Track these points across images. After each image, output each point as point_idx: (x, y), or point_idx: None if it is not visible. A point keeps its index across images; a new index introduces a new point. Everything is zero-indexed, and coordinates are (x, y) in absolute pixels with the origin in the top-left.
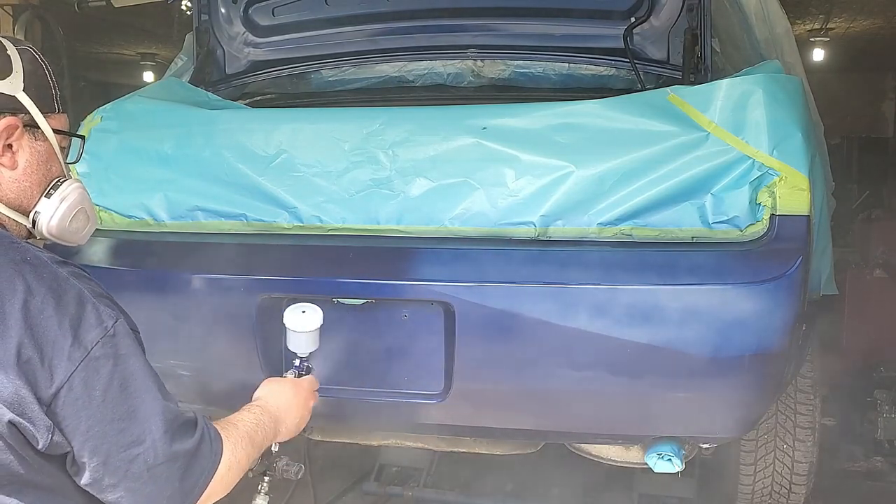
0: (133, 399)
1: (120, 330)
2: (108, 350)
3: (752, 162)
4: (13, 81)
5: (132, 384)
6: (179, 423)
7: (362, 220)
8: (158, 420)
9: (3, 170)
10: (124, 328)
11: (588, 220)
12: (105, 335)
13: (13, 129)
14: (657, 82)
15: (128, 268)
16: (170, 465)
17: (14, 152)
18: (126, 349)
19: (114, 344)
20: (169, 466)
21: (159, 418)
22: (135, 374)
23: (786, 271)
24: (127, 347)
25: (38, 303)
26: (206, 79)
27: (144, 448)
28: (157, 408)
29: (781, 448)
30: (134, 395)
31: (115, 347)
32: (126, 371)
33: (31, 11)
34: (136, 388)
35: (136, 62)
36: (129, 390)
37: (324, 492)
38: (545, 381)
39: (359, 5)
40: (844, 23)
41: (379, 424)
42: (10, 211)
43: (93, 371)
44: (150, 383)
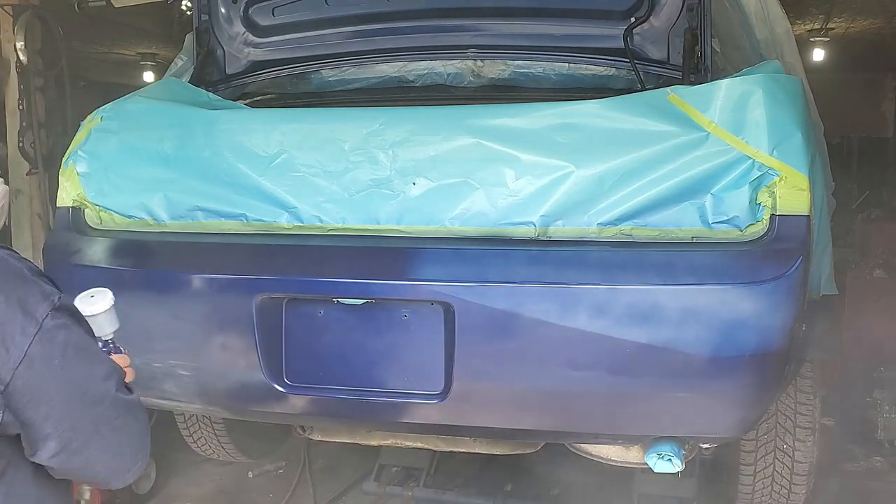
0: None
1: (65, 301)
2: (59, 321)
3: (752, 162)
4: None
5: (86, 348)
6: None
7: (362, 220)
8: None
9: None
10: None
11: (588, 220)
12: (53, 307)
13: None
14: (657, 82)
15: (128, 268)
16: (127, 418)
17: None
18: (71, 318)
19: (61, 314)
20: (126, 419)
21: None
22: (83, 339)
23: (786, 271)
24: (71, 317)
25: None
26: (206, 79)
27: (105, 406)
28: (108, 367)
29: (781, 448)
30: (89, 358)
31: (63, 318)
32: (77, 337)
33: (31, 11)
34: (90, 352)
35: (136, 62)
36: (84, 354)
37: (324, 492)
38: (545, 381)
39: (359, 5)
40: (844, 23)
41: (379, 424)
42: None
43: (48, 341)
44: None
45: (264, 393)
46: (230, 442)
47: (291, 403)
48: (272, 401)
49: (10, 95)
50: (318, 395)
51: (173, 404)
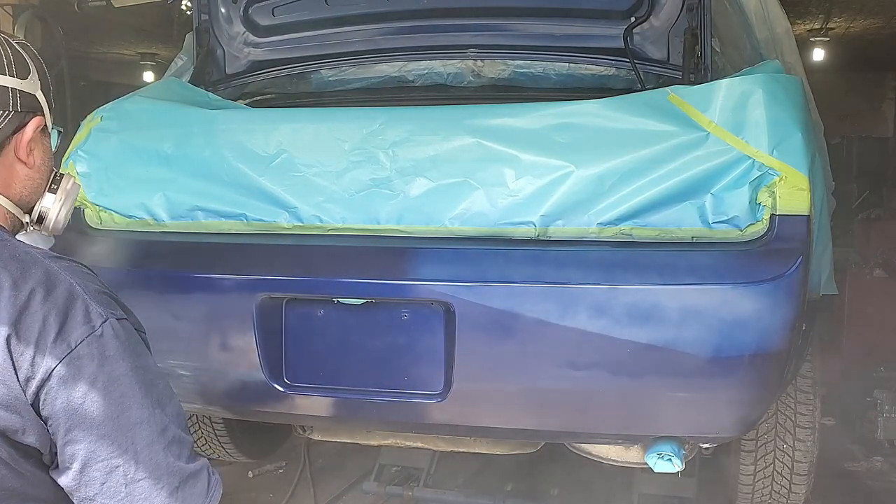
0: (117, 405)
1: (108, 331)
2: (94, 350)
3: (752, 162)
4: (32, 81)
5: (117, 388)
6: (174, 440)
7: (362, 219)
8: (144, 430)
9: (21, 167)
10: (117, 328)
11: (588, 219)
12: (91, 334)
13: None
14: (657, 82)
15: (128, 268)
16: (153, 484)
17: (32, 150)
18: (115, 351)
19: (101, 344)
20: (152, 485)
21: (146, 428)
22: (121, 379)
23: (786, 271)
24: (116, 350)
25: (25, 298)
26: (206, 79)
27: (125, 460)
28: (144, 416)
29: (781, 448)
30: (118, 401)
31: (101, 348)
32: (112, 374)
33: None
34: (122, 394)
35: (136, 62)
36: (114, 395)
37: (324, 492)
38: (545, 380)
39: (359, 5)
40: (844, 23)
41: (379, 424)
42: (14, 207)
43: (75, 370)
44: (140, 390)
45: (264, 393)
46: (230, 442)
47: (291, 403)
48: (272, 401)
49: None
50: (318, 395)
51: None
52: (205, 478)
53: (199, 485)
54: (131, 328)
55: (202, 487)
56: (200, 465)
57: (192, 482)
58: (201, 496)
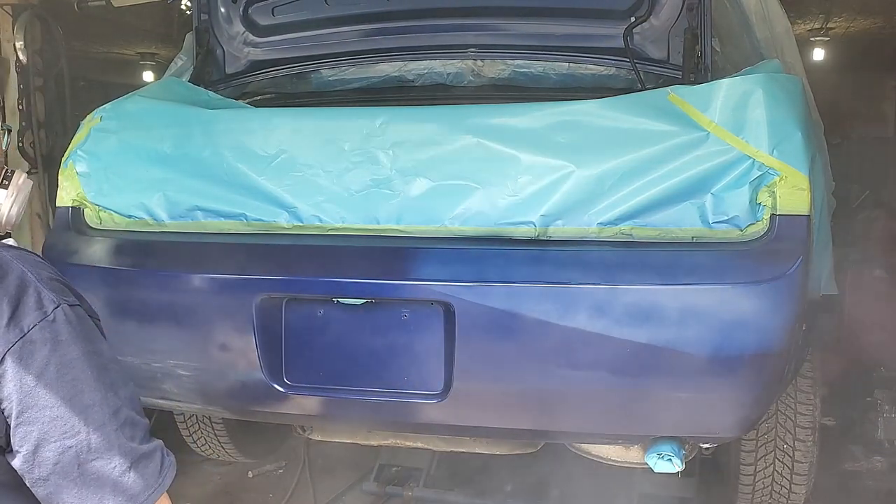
0: (70, 387)
1: (60, 316)
2: (47, 335)
3: (752, 162)
4: None
5: (70, 372)
6: (126, 422)
7: (362, 219)
8: (96, 412)
9: None
10: (70, 314)
11: (588, 219)
12: (43, 319)
13: None
14: (657, 82)
15: (128, 268)
16: (105, 464)
17: None
18: (67, 336)
19: (53, 329)
20: (104, 464)
21: (98, 410)
22: (73, 363)
23: (786, 271)
24: (69, 334)
25: None
26: (205, 78)
27: (77, 440)
28: (96, 398)
29: (781, 448)
30: (71, 384)
31: (54, 333)
32: (64, 358)
33: (30, 11)
34: (75, 377)
35: (136, 62)
36: (66, 378)
37: (324, 492)
38: (545, 380)
39: (358, 5)
40: (844, 23)
41: (379, 424)
42: None
43: (27, 354)
44: (92, 373)
45: (264, 393)
46: (230, 442)
47: (291, 403)
48: (272, 401)
49: (10, 95)
50: (317, 395)
51: (173, 404)
52: (158, 459)
53: (151, 465)
54: (84, 314)
55: (155, 468)
56: (154, 447)
57: (145, 463)
58: (154, 476)
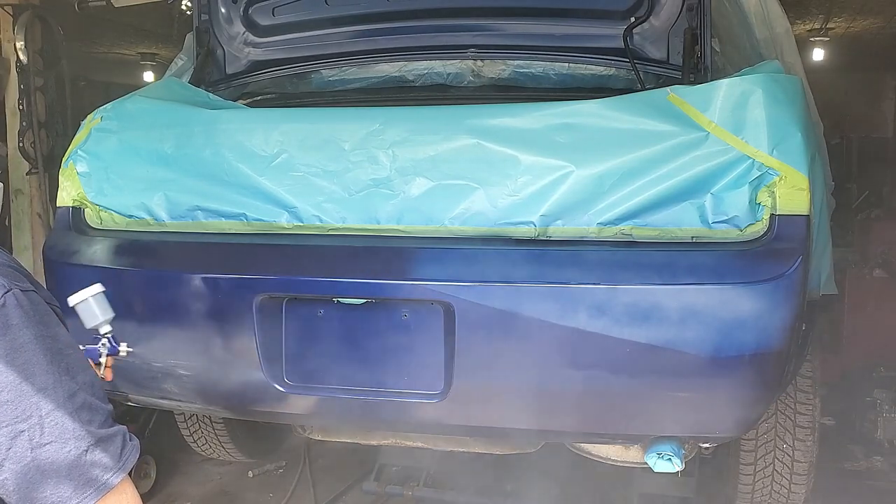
0: (21, 370)
1: (12, 301)
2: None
3: (751, 162)
4: None
5: (21, 356)
6: (83, 406)
7: (362, 219)
8: (49, 395)
9: None
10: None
11: (588, 219)
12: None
13: None
14: (657, 82)
15: (128, 268)
16: (59, 448)
17: None
18: (18, 320)
19: (3, 314)
20: (58, 448)
21: (51, 394)
22: (25, 346)
23: (785, 271)
24: (20, 318)
25: None
26: (206, 79)
27: (29, 425)
28: (49, 381)
29: (781, 448)
30: (22, 367)
31: (4, 317)
32: (15, 342)
33: (31, 11)
34: (26, 361)
35: (136, 62)
36: (17, 362)
37: (324, 492)
38: (545, 380)
39: (359, 5)
40: (844, 23)
41: (379, 424)
42: None
43: None
44: (45, 357)
45: (264, 393)
46: (230, 442)
47: (291, 403)
48: (272, 400)
49: (10, 95)
50: (317, 395)
51: (173, 404)
52: (118, 443)
53: (111, 448)
54: (39, 300)
55: (115, 451)
56: (115, 431)
57: (104, 446)
58: (113, 459)
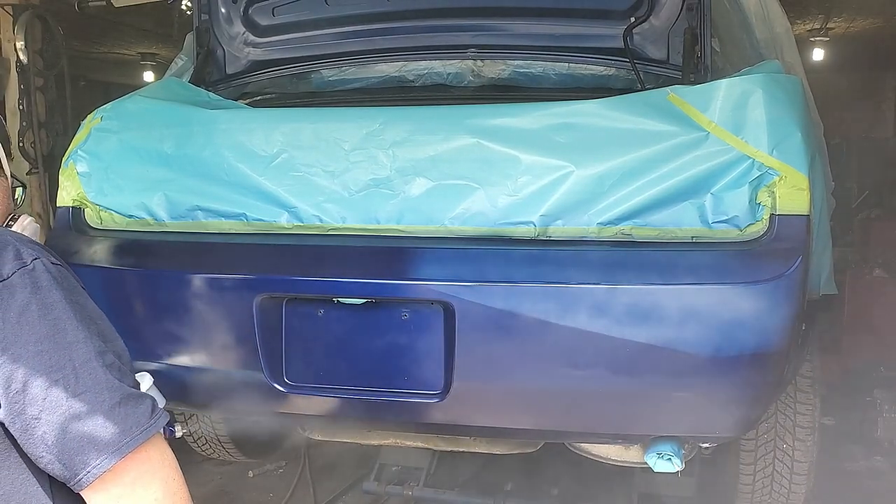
0: (51, 325)
1: (41, 266)
2: (26, 280)
3: (751, 162)
4: None
5: (51, 312)
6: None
7: (362, 219)
8: (81, 348)
9: None
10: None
11: (588, 219)
12: (23, 267)
13: None
14: (657, 82)
15: (128, 268)
16: (94, 397)
17: None
18: (47, 283)
19: (33, 276)
20: (93, 397)
21: (82, 346)
22: (55, 305)
23: (785, 271)
24: (48, 281)
25: None
26: (206, 79)
27: (63, 374)
28: (80, 336)
29: (781, 448)
30: (53, 322)
31: (34, 279)
32: (45, 300)
33: (31, 11)
34: (57, 317)
35: (136, 62)
36: (48, 318)
37: (324, 492)
38: (545, 380)
39: (358, 5)
40: (844, 22)
41: (379, 424)
42: None
43: (8, 294)
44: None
45: (264, 393)
46: (230, 442)
47: (291, 403)
48: (272, 400)
49: (10, 95)
50: (318, 395)
51: (173, 404)
52: (149, 402)
53: (142, 406)
54: (66, 273)
55: (146, 408)
56: (144, 393)
57: (136, 402)
58: (145, 415)
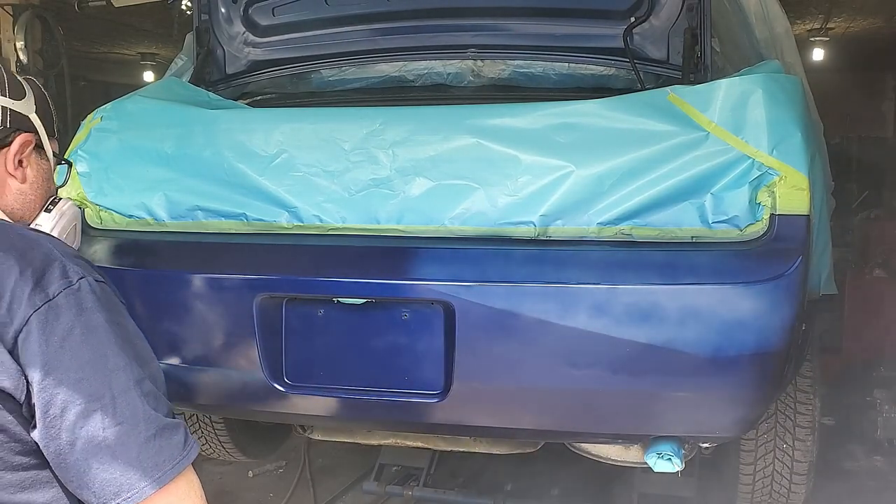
0: (94, 350)
1: (85, 286)
2: (71, 301)
3: (751, 161)
4: (27, 104)
5: (94, 336)
6: (150, 393)
7: (362, 219)
8: (121, 376)
9: (13, 182)
10: (94, 287)
11: (588, 219)
12: (69, 287)
13: (28, 145)
14: (657, 82)
15: (128, 268)
16: (130, 429)
17: (24, 167)
18: (92, 304)
19: (78, 297)
20: (129, 429)
21: (122, 375)
22: (98, 329)
23: (785, 271)
24: (93, 303)
25: (1, 255)
26: (206, 79)
27: (102, 404)
28: (120, 363)
29: (781, 448)
30: (95, 347)
31: (79, 300)
32: (89, 323)
33: (31, 11)
34: (99, 341)
35: (136, 62)
36: (91, 342)
37: (324, 492)
38: (545, 380)
39: (359, 5)
40: (844, 22)
41: (379, 424)
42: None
43: (53, 316)
44: (116, 341)
45: (264, 392)
46: (230, 442)
47: (291, 403)
48: (272, 400)
49: None
50: (318, 395)
51: (173, 404)
52: (182, 433)
53: (175, 437)
54: (110, 292)
55: (179, 440)
56: (178, 422)
57: (170, 433)
58: (178, 447)
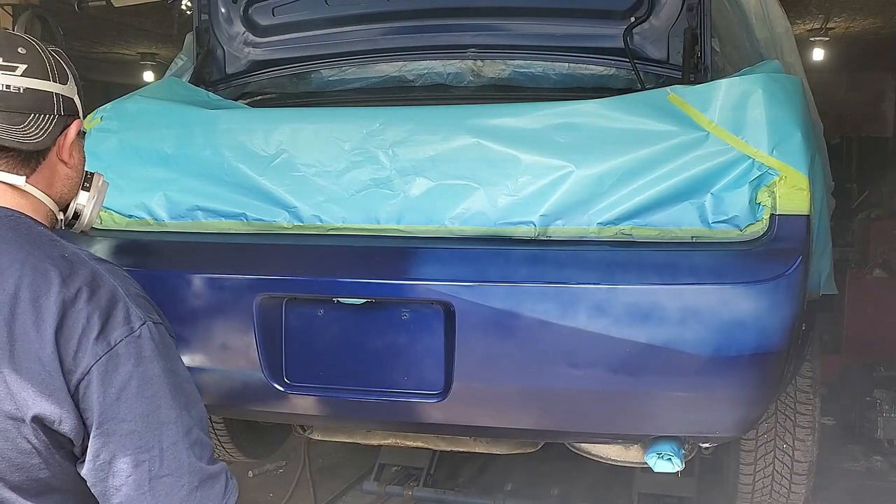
0: (148, 403)
1: (146, 333)
2: (132, 350)
3: (751, 161)
4: (71, 86)
5: (150, 388)
6: (197, 441)
7: (362, 219)
8: (171, 429)
9: (62, 168)
10: (154, 332)
11: (588, 219)
12: (130, 335)
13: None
14: (657, 82)
15: (128, 268)
16: (175, 481)
17: (72, 151)
18: (150, 353)
19: (138, 345)
20: (174, 482)
21: (172, 428)
22: (154, 379)
23: (785, 271)
24: (152, 351)
25: (72, 295)
26: (206, 79)
27: (151, 456)
28: (172, 416)
29: (781, 448)
30: (150, 399)
31: (139, 349)
32: (146, 374)
33: (31, 11)
34: (154, 393)
35: (136, 62)
36: (146, 394)
37: (324, 492)
38: (545, 380)
39: (359, 5)
40: (844, 22)
41: (379, 424)
42: (54, 205)
43: (113, 368)
44: (170, 391)
45: (264, 392)
46: (230, 442)
47: (291, 403)
48: (272, 400)
49: None
50: (317, 395)
51: None
52: (223, 481)
53: (216, 487)
54: (165, 333)
55: (219, 490)
56: (219, 469)
57: (211, 483)
58: (218, 497)
